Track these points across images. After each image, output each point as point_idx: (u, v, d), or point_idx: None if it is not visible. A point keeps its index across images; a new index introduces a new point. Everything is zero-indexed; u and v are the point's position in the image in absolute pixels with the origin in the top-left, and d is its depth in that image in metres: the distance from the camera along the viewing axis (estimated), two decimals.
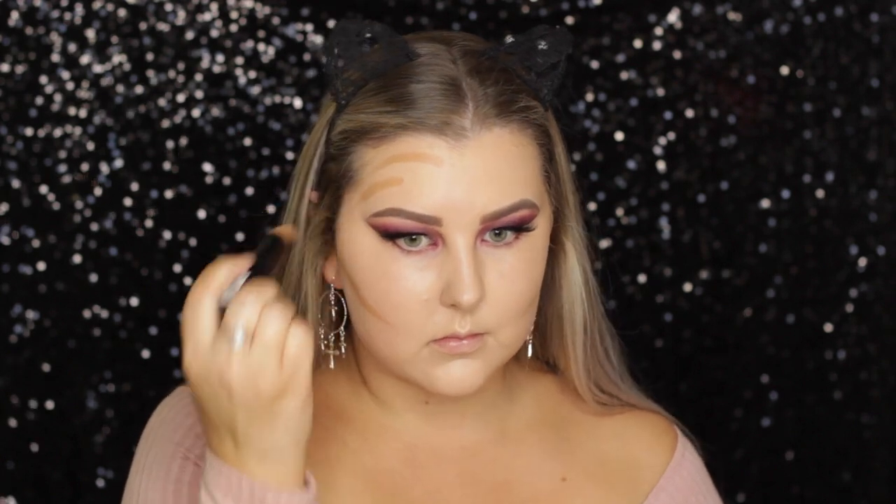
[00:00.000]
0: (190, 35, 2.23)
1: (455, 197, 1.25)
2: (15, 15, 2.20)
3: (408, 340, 1.28)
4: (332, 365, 1.36)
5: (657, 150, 2.28)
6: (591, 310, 1.39)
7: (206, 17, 2.23)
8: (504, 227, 1.27)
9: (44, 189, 2.22)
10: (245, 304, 1.18)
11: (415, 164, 1.26)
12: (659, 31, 2.26)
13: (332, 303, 1.35)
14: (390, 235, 1.27)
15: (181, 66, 2.23)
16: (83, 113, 2.22)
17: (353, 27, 1.30)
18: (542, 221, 1.30)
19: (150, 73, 2.22)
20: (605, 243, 2.27)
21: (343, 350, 1.36)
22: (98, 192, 2.23)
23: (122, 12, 2.21)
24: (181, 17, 2.22)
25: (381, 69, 1.29)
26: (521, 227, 1.28)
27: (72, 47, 2.21)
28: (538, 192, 1.30)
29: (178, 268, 2.25)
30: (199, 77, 2.23)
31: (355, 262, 1.30)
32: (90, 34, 2.21)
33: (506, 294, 1.28)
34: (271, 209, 2.22)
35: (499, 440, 1.40)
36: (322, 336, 1.35)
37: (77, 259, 2.23)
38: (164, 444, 1.33)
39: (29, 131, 2.22)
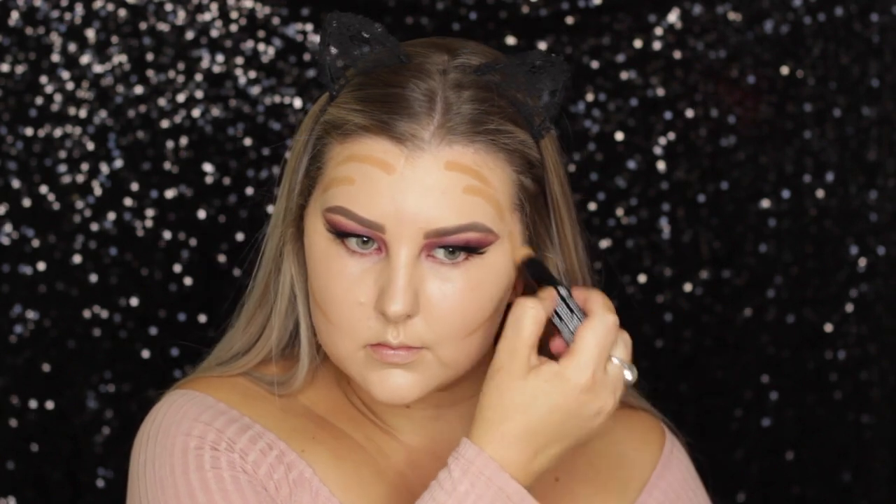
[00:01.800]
0: (190, 35, 2.23)
1: (400, 207, 1.24)
2: (15, 15, 2.20)
3: (344, 339, 1.29)
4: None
5: (657, 150, 2.28)
6: None
7: (206, 17, 2.23)
8: (450, 246, 1.26)
9: (44, 189, 2.22)
10: (619, 346, 1.25)
11: (367, 166, 1.25)
12: (659, 31, 2.26)
13: None
14: (338, 233, 1.28)
15: (181, 66, 2.23)
16: (83, 113, 2.22)
17: (348, 20, 1.30)
18: (500, 248, 1.28)
19: (150, 73, 2.22)
20: (605, 243, 2.27)
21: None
22: (98, 192, 2.23)
23: (122, 12, 2.21)
24: (181, 17, 2.22)
25: (369, 67, 1.29)
26: (469, 249, 1.27)
27: (72, 47, 2.21)
28: (500, 217, 1.28)
29: (178, 268, 2.25)
30: (199, 77, 2.23)
31: (311, 252, 1.31)
32: (90, 34, 2.21)
33: (446, 312, 1.27)
34: (271, 209, 2.22)
35: None
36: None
37: (77, 259, 2.23)
38: (183, 439, 1.30)
39: (29, 131, 2.22)
